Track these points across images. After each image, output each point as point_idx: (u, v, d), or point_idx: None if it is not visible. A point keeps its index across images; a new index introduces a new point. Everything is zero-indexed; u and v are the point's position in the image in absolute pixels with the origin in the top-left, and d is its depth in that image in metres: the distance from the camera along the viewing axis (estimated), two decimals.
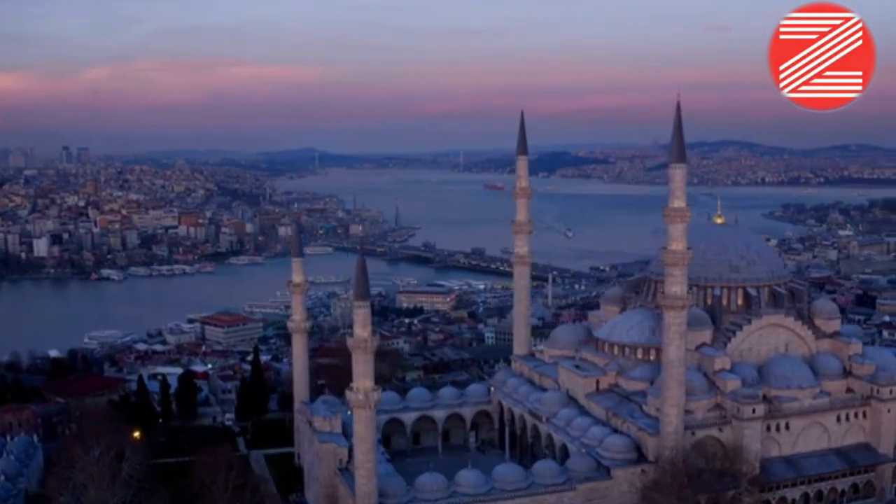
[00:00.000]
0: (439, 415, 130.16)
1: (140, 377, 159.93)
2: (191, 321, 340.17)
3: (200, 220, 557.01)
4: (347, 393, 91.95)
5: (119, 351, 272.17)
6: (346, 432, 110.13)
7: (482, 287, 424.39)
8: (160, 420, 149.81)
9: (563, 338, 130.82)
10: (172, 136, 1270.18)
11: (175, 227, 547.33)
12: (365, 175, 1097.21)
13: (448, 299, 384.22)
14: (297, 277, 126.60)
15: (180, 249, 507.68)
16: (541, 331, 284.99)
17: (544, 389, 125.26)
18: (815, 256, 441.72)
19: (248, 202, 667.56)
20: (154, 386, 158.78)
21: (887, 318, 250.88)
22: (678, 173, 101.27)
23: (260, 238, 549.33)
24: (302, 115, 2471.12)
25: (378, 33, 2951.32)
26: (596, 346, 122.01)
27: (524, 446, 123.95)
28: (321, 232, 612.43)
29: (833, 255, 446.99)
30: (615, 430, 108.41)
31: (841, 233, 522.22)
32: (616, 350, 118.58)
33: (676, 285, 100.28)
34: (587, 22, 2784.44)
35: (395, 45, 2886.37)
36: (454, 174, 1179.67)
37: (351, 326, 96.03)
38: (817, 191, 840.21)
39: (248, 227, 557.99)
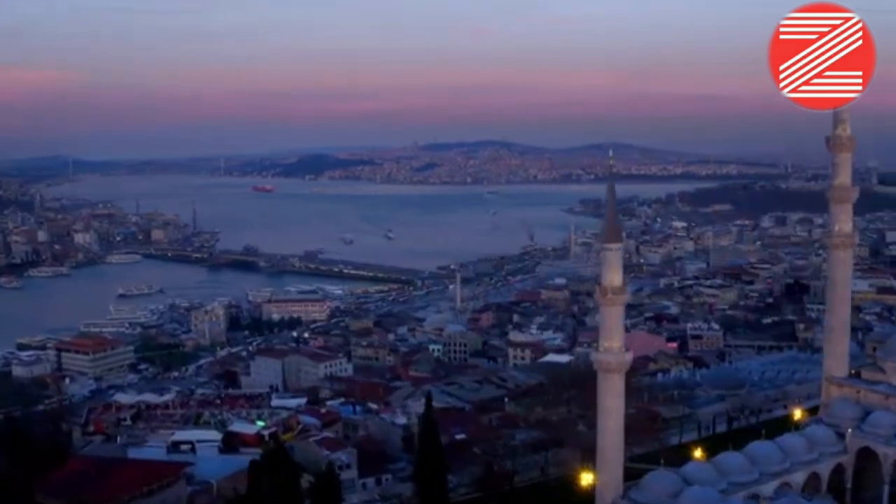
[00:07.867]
0: (797, 479, 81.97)
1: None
2: (23, 347, 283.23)
3: None
4: None
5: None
6: None
7: (340, 292, 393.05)
8: None
9: None
10: None
11: None
12: (122, 181, 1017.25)
13: (324, 307, 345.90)
14: (616, 277, 77.06)
15: None
16: None
17: None
18: (675, 248, 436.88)
19: (21, 209, 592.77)
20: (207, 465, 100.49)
21: None
22: None
23: (56, 247, 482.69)
24: (50, 120, 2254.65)
25: (127, 35, 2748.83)
26: None
27: None
28: (119, 238, 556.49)
29: (689, 245, 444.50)
30: None
31: (676, 224, 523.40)
32: None
33: None
34: (348, 25, 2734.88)
35: (146, 47, 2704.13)
36: (216, 178, 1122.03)
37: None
38: (591, 187, 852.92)
39: (41, 236, 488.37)
